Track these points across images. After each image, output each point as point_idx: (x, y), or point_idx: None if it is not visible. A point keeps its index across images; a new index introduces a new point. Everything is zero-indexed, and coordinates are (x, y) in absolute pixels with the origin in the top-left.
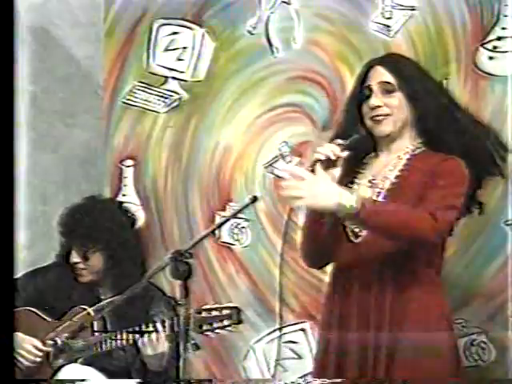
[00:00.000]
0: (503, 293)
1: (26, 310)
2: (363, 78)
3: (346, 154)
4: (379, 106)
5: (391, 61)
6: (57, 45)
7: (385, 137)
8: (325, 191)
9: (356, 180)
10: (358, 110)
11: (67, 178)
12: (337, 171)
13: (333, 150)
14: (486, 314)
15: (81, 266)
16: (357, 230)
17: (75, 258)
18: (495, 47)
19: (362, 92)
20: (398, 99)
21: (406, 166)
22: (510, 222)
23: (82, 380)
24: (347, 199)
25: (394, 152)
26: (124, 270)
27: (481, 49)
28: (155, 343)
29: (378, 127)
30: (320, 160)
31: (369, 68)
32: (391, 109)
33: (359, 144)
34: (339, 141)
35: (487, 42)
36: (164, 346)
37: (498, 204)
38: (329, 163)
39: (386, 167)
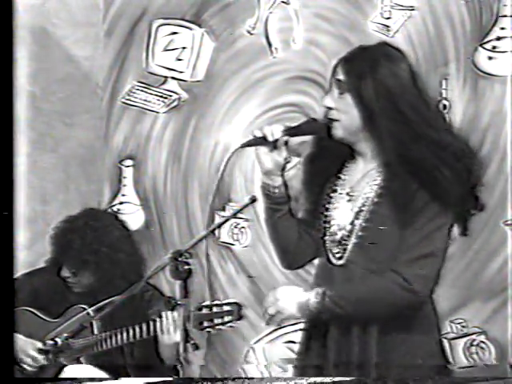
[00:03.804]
0: (503, 293)
1: (24, 310)
2: (332, 72)
3: (285, 138)
4: (330, 108)
5: (351, 56)
6: (56, 45)
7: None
8: (295, 305)
9: (336, 188)
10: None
11: (67, 178)
12: (278, 155)
13: (272, 131)
14: (486, 314)
15: (71, 280)
16: (336, 252)
17: (66, 272)
18: (494, 47)
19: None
20: (347, 101)
21: (385, 181)
22: (509, 222)
23: (83, 379)
24: (314, 301)
25: (370, 159)
26: (116, 286)
27: (480, 49)
28: (172, 331)
29: (332, 130)
30: (259, 137)
31: (338, 63)
32: (340, 113)
33: (312, 130)
34: (287, 124)
35: (486, 42)
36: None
37: (497, 204)
38: (270, 145)
39: (364, 178)
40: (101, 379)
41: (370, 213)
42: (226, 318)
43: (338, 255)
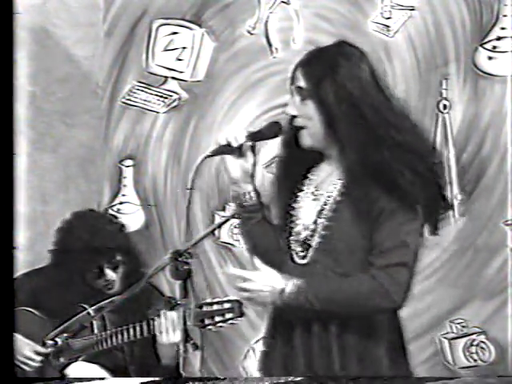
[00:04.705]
0: (503, 293)
1: (24, 310)
2: (291, 78)
3: (250, 143)
4: (294, 116)
5: (309, 60)
6: (56, 45)
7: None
8: (269, 289)
9: (303, 187)
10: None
11: (67, 178)
12: (246, 161)
13: (236, 136)
14: (486, 314)
15: (110, 280)
16: (300, 250)
17: (106, 276)
18: (494, 47)
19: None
20: (309, 108)
21: (350, 179)
22: (509, 222)
23: (83, 379)
24: (289, 292)
25: (335, 160)
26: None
27: (480, 49)
28: (170, 331)
29: (299, 138)
30: (224, 145)
31: (296, 67)
32: (306, 120)
33: (275, 133)
34: (250, 129)
35: (486, 42)
36: (179, 336)
37: (497, 204)
38: (236, 152)
39: (328, 178)
40: (92, 378)
41: (332, 211)
42: (227, 316)
43: (301, 254)
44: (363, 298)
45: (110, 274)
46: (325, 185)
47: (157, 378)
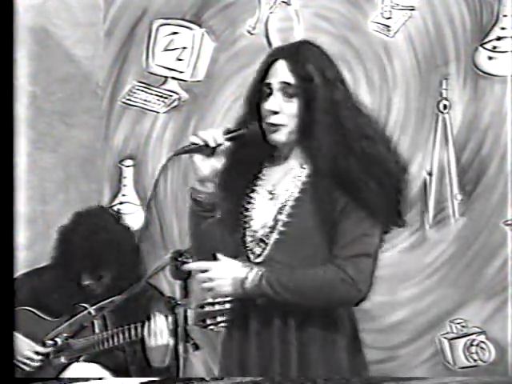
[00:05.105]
0: (503, 293)
1: (24, 309)
2: (265, 73)
3: (228, 143)
4: (276, 113)
5: (298, 56)
6: (56, 45)
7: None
8: (230, 278)
9: (256, 188)
10: (257, 109)
11: (67, 178)
12: (217, 161)
13: (214, 135)
14: (486, 314)
15: (93, 285)
16: (256, 249)
17: (87, 280)
18: (495, 47)
19: (262, 90)
20: (296, 106)
21: (310, 177)
22: (509, 222)
23: (84, 378)
24: (252, 279)
25: (294, 159)
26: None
27: (480, 49)
28: (158, 335)
29: (272, 135)
30: (196, 144)
31: (273, 61)
32: (288, 118)
33: (250, 139)
34: (228, 126)
35: (487, 42)
36: (167, 339)
37: (498, 204)
38: (208, 151)
39: (287, 176)
40: (90, 378)
41: (292, 208)
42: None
43: (257, 252)
44: (329, 287)
45: (90, 283)
46: (282, 184)
47: (157, 378)
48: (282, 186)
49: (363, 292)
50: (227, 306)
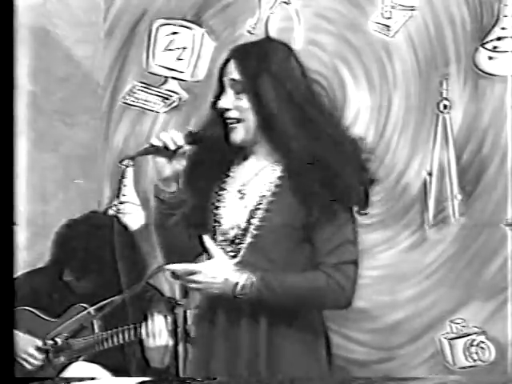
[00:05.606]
0: (503, 293)
1: (24, 309)
2: (221, 72)
3: (188, 147)
4: (228, 109)
5: (242, 53)
6: (56, 45)
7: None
8: (221, 281)
9: (224, 186)
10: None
11: (67, 178)
12: (178, 163)
13: (174, 138)
14: (485, 314)
15: (73, 284)
16: (230, 250)
17: (68, 277)
18: (495, 47)
19: (217, 89)
20: (244, 102)
21: (281, 179)
22: (509, 222)
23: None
24: (243, 285)
25: (263, 158)
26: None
27: (480, 49)
28: (157, 335)
29: (230, 134)
30: (154, 146)
31: (227, 60)
32: (242, 113)
33: (210, 141)
34: (189, 128)
35: (487, 42)
36: (166, 339)
37: (498, 204)
38: (168, 153)
39: (257, 177)
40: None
41: (265, 211)
42: None
43: (231, 254)
44: (320, 294)
45: (69, 279)
46: (253, 184)
47: (157, 378)
48: (251, 186)
49: (349, 299)
50: None
